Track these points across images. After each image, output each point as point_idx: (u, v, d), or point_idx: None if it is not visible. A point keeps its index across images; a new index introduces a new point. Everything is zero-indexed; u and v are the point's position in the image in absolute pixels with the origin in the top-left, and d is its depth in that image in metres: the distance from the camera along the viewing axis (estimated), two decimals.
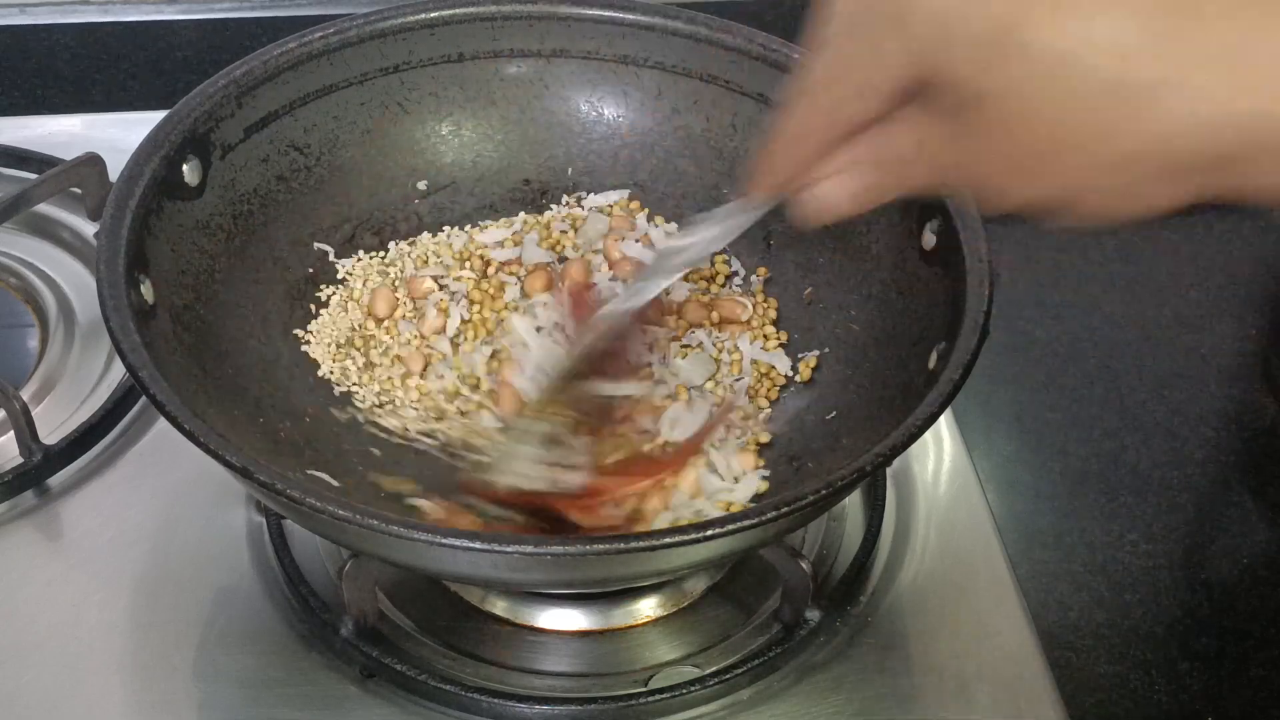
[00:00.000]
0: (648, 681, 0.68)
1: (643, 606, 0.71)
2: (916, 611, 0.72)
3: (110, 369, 0.82)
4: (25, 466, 0.75)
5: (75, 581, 0.71)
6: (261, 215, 0.76)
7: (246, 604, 0.70)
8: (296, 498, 0.57)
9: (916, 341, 0.69)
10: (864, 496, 0.76)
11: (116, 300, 0.63)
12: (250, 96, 0.75)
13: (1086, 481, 0.87)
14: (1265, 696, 0.76)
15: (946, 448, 0.80)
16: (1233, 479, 0.89)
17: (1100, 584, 0.81)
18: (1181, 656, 0.77)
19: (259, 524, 0.73)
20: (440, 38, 0.80)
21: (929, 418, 0.60)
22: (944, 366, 0.63)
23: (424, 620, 0.70)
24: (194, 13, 1.03)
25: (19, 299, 0.87)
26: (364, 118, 0.80)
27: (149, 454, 0.77)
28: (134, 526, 0.74)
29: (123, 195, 0.67)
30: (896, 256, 0.74)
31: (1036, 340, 0.95)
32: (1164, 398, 0.92)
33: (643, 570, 0.63)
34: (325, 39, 0.77)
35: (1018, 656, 0.70)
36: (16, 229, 0.90)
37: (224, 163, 0.74)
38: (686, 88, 0.81)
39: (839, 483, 0.59)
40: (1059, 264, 1.01)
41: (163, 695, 0.67)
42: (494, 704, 0.66)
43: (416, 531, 0.56)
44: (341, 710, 0.66)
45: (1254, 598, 0.81)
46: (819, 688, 0.68)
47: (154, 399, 0.60)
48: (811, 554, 0.74)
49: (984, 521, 0.76)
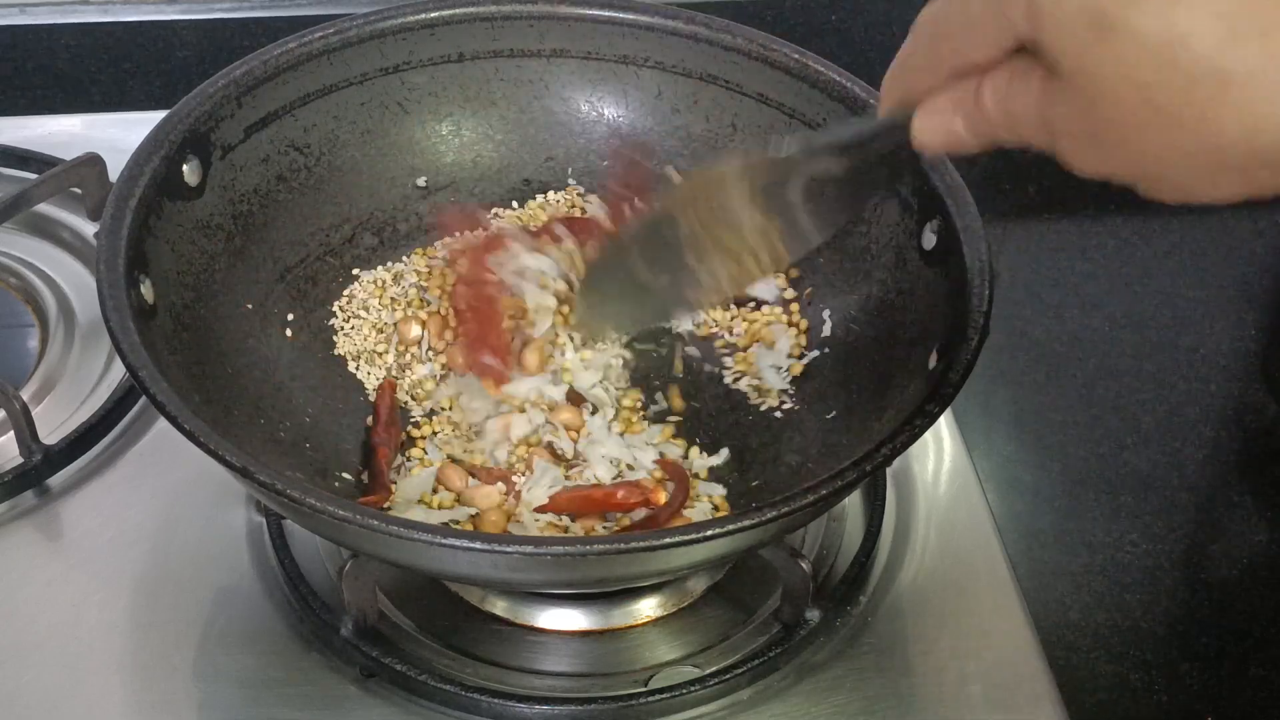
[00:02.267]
0: (647, 681, 0.68)
1: (643, 606, 0.71)
2: (916, 611, 0.72)
3: (110, 369, 0.82)
4: (25, 466, 0.75)
5: (75, 581, 0.71)
6: (262, 215, 0.76)
7: (246, 604, 0.70)
8: (296, 498, 0.57)
9: (916, 341, 0.69)
10: (864, 496, 0.76)
11: (116, 300, 0.63)
12: (250, 96, 0.75)
13: (1086, 481, 0.87)
14: (1265, 696, 0.76)
15: (946, 448, 0.80)
16: (1233, 479, 0.89)
17: (1100, 584, 0.81)
18: (1181, 656, 0.77)
19: (259, 524, 0.73)
20: (440, 38, 0.80)
21: (929, 418, 0.60)
22: (944, 367, 0.63)
23: (424, 620, 0.70)
24: (194, 13, 1.03)
25: (19, 299, 0.87)
26: (364, 118, 0.80)
27: (149, 454, 0.77)
28: (134, 526, 0.74)
29: (123, 195, 0.67)
30: (897, 256, 0.74)
31: (1036, 340, 0.95)
32: (1164, 398, 0.92)
33: (642, 570, 0.63)
34: (325, 39, 0.77)
35: (1018, 656, 0.70)
36: (16, 229, 0.90)
37: (224, 163, 0.74)
38: (686, 88, 0.81)
39: (839, 483, 0.59)
40: (1059, 264, 1.01)
41: (163, 695, 0.67)
42: (494, 704, 0.66)
43: (416, 531, 0.56)
44: (341, 710, 0.66)
45: (1254, 598, 0.81)
46: (819, 688, 0.68)
47: (154, 399, 0.60)
48: (811, 554, 0.74)
49: (984, 521, 0.76)
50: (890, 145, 0.53)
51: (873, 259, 0.75)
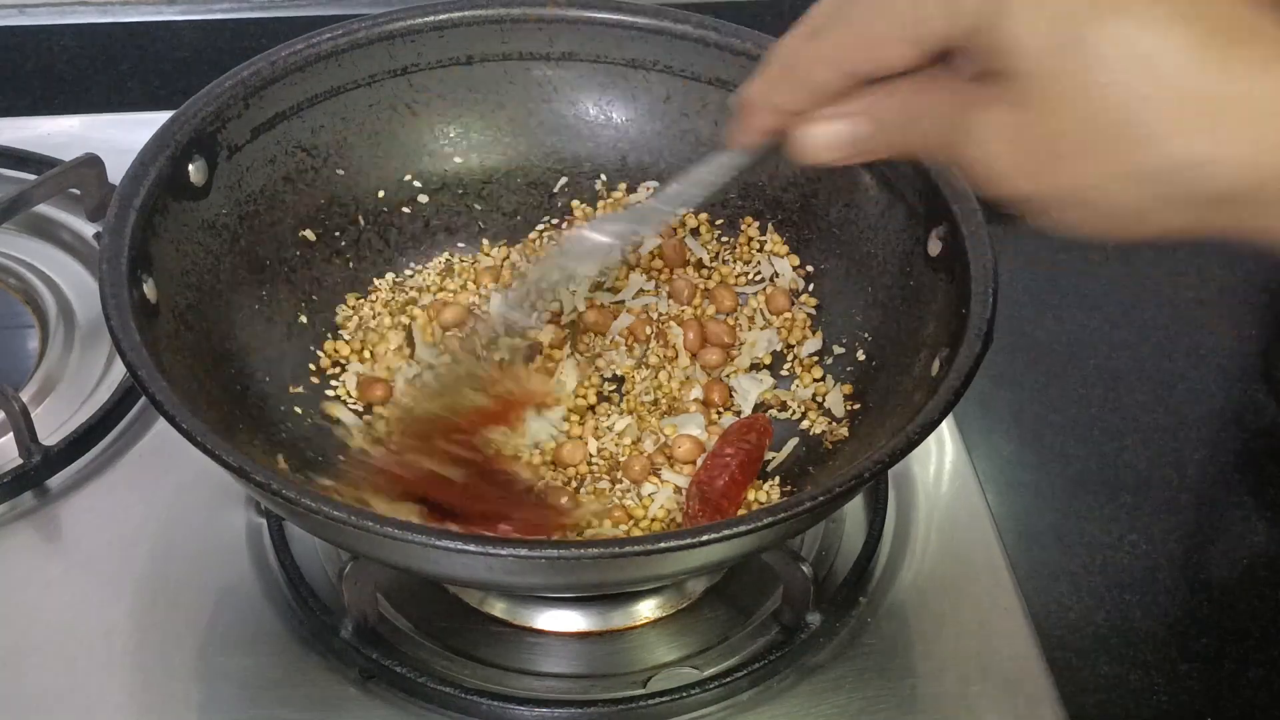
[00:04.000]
0: (647, 683, 0.68)
1: (642, 608, 0.71)
2: (916, 612, 0.72)
3: (110, 369, 0.82)
4: (25, 468, 0.75)
5: (75, 582, 0.71)
6: (268, 216, 0.76)
7: (246, 605, 0.70)
8: (293, 498, 0.57)
9: (920, 348, 0.69)
10: (865, 499, 0.76)
11: (118, 299, 0.63)
12: (258, 97, 0.75)
13: (1086, 481, 0.86)
14: (1265, 697, 0.76)
15: (947, 449, 0.80)
16: (1233, 479, 0.89)
17: (1100, 584, 0.81)
18: (1181, 657, 0.77)
19: (259, 525, 0.73)
20: (449, 40, 0.80)
21: (929, 425, 0.60)
22: (946, 373, 0.62)
23: (423, 622, 0.70)
24: (194, 13, 1.03)
25: (19, 299, 0.87)
26: (372, 119, 0.80)
27: (149, 454, 0.77)
28: (134, 527, 0.74)
29: (127, 194, 0.67)
30: (902, 262, 0.74)
31: (1036, 341, 0.95)
32: (1164, 398, 0.92)
33: (639, 575, 0.63)
34: (334, 40, 0.77)
35: (1018, 656, 0.70)
36: (16, 230, 0.90)
37: (230, 163, 0.74)
38: (695, 92, 0.80)
39: (838, 489, 0.59)
40: (1059, 265, 1.01)
41: (163, 696, 0.67)
42: (493, 706, 0.66)
43: (411, 533, 0.56)
44: (341, 711, 0.66)
45: (1254, 598, 0.81)
46: (819, 689, 0.68)
47: (153, 399, 0.60)
48: (811, 556, 0.74)
49: (984, 522, 0.76)
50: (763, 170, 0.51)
51: (878, 265, 0.75)
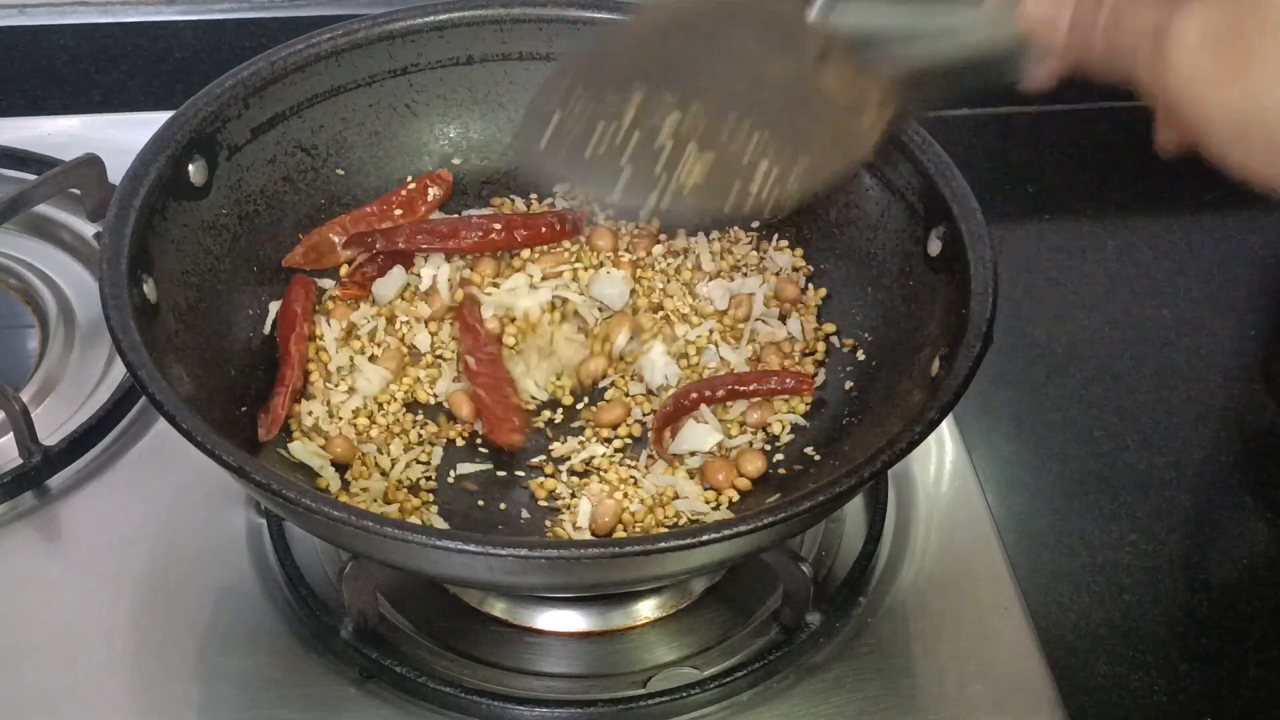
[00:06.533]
0: (647, 683, 0.68)
1: (642, 608, 0.71)
2: (916, 613, 0.72)
3: (110, 369, 0.82)
4: (25, 468, 0.75)
5: (75, 582, 0.71)
6: (268, 216, 0.76)
7: (247, 605, 0.70)
8: (292, 498, 0.57)
9: (920, 348, 0.69)
10: (865, 499, 0.76)
11: (118, 299, 0.63)
12: (258, 97, 0.75)
13: (1086, 482, 0.86)
14: (1265, 697, 0.76)
15: (947, 449, 0.80)
16: (1233, 479, 0.89)
17: (1100, 584, 0.81)
18: (1181, 657, 0.77)
19: (259, 525, 0.73)
20: (449, 40, 0.80)
21: (929, 425, 0.60)
22: (946, 374, 0.62)
23: (423, 622, 0.70)
24: (194, 13, 1.03)
25: (19, 299, 0.86)
26: (372, 119, 0.80)
27: (149, 454, 0.77)
28: (134, 527, 0.74)
29: (127, 194, 0.67)
30: (902, 262, 0.74)
31: (1036, 341, 0.95)
32: (1164, 398, 0.92)
33: (639, 575, 0.63)
34: (334, 40, 0.77)
35: (1018, 656, 0.70)
36: (16, 230, 0.90)
37: (230, 163, 0.74)
38: None
39: (838, 489, 0.59)
40: (1059, 265, 1.01)
41: (163, 696, 0.67)
42: (493, 706, 0.66)
43: (411, 533, 0.57)
44: (341, 711, 0.66)
45: (1254, 598, 0.81)
46: (819, 689, 0.68)
47: (153, 398, 0.60)
48: (811, 556, 0.74)
49: (984, 522, 0.76)
50: None
51: (879, 265, 0.75)
